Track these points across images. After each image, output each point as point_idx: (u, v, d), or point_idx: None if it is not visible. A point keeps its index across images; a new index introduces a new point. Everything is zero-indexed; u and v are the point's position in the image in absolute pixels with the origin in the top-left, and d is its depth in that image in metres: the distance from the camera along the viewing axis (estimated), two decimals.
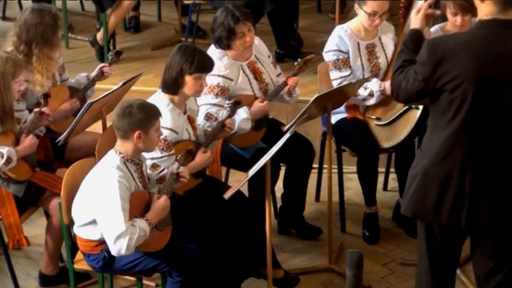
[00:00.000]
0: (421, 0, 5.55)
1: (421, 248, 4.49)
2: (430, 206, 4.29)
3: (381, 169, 6.31)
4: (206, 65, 5.17)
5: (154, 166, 5.08)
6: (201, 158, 5.16)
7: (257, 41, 5.77)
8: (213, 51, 5.62)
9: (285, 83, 5.72)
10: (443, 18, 6.01)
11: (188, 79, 5.12)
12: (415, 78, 4.25)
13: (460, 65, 4.09)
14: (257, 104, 5.59)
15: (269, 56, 5.89)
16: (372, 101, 5.86)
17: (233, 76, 5.57)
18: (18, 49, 5.59)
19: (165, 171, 5.07)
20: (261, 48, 5.82)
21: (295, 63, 5.85)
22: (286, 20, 7.44)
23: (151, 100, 5.09)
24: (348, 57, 5.86)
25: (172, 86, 5.14)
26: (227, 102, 5.46)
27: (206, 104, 5.50)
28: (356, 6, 5.86)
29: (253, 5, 5.98)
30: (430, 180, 4.27)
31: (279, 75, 5.86)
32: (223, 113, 5.45)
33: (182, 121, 5.21)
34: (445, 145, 4.22)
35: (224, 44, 5.55)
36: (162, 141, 5.00)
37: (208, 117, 5.48)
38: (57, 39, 5.66)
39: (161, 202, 4.81)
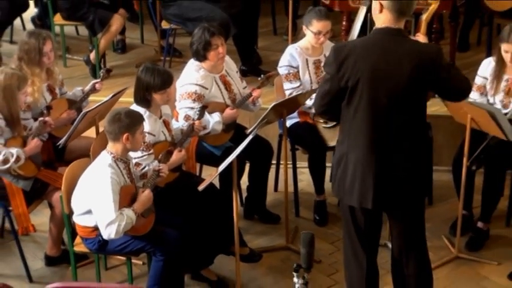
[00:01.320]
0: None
1: (346, 227, 4.53)
2: (347, 189, 4.32)
3: (328, 164, 6.30)
4: (166, 81, 5.16)
5: (137, 164, 5.07)
6: (177, 156, 5.16)
7: (227, 58, 5.77)
8: (191, 64, 5.62)
9: (250, 94, 5.72)
10: None
11: (155, 95, 5.14)
12: (324, 80, 4.32)
13: (358, 63, 4.15)
14: (228, 111, 5.59)
15: (237, 71, 5.89)
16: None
17: (208, 85, 5.56)
18: (17, 66, 5.58)
19: (146, 168, 5.07)
20: (230, 64, 5.82)
21: (259, 78, 5.85)
22: (247, 41, 7.44)
23: (132, 108, 5.09)
24: (298, 72, 5.88)
25: (143, 102, 5.17)
26: (196, 106, 5.46)
27: (185, 108, 5.50)
28: (304, 27, 5.89)
29: (221, 27, 5.96)
30: (346, 166, 4.30)
31: (244, 87, 5.85)
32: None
33: (158, 125, 5.22)
34: (353, 133, 4.26)
35: (201, 55, 5.54)
36: (142, 143, 4.99)
37: (187, 118, 5.47)
38: (41, 59, 5.60)
39: (145, 194, 4.80)
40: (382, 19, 4.21)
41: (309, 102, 5.82)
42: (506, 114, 5.40)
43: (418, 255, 4.52)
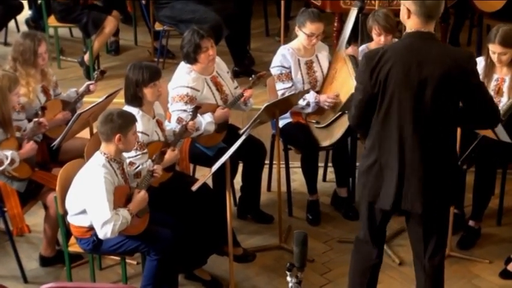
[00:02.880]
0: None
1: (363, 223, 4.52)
2: (383, 194, 4.29)
3: (321, 164, 6.33)
4: (155, 74, 5.16)
5: (130, 163, 5.05)
6: (170, 155, 5.14)
7: (218, 59, 5.75)
8: (182, 67, 5.60)
9: (242, 94, 5.71)
10: (369, 38, 6.05)
11: (146, 90, 5.12)
12: (356, 90, 4.25)
13: (390, 68, 4.11)
14: (220, 111, 5.57)
15: (228, 72, 5.87)
16: (309, 110, 5.88)
17: (199, 87, 5.54)
18: (11, 66, 5.55)
19: (140, 167, 5.05)
20: (221, 65, 5.80)
21: (250, 78, 5.84)
22: (240, 42, 7.43)
23: (125, 109, 5.07)
24: (290, 72, 5.86)
25: (135, 100, 5.14)
26: (189, 108, 5.44)
27: (177, 110, 5.48)
28: (296, 28, 5.87)
29: (213, 31, 5.96)
30: (380, 171, 4.27)
31: (236, 87, 5.84)
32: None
33: (152, 125, 5.20)
34: (384, 139, 4.22)
35: (192, 57, 5.52)
36: (136, 143, 4.97)
37: (180, 120, 5.45)
38: (36, 60, 5.58)
39: (140, 195, 4.78)
40: (411, 24, 4.18)
41: (302, 103, 5.81)
42: None
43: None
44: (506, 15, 6.74)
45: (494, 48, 5.46)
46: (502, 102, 5.56)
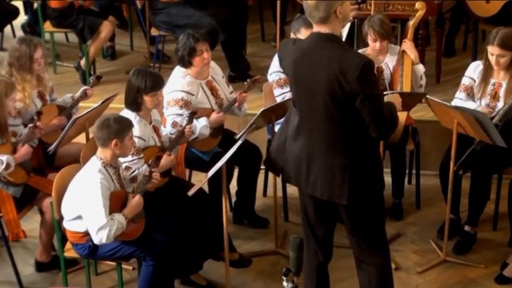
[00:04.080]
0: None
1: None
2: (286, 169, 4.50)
3: None
4: (157, 84, 5.16)
5: (127, 168, 5.04)
6: (166, 160, 5.13)
7: (213, 64, 5.75)
8: (177, 71, 5.60)
9: (236, 99, 5.71)
10: (365, 43, 6.05)
11: (146, 98, 5.12)
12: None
13: (291, 65, 4.28)
14: (215, 115, 5.56)
15: (223, 76, 5.87)
16: None
17: (194, 92, 5.54)
18: (7, 72, 5.55)
19: (136, 172, 5.04)
20: (216, 70, 5.80)
21: (245, 82, 5.84)
22: (236, 47, 7.43)
23: (122, 114, 5.06)
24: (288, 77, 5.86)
25: (133, 105, 5.15)
26: (184, 112, 5.43)
27: (172, 114, 5.48)
28: (292, 34, 5.88)
29: (209, 35, 5.96)
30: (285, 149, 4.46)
31: (231, 92, 5.83)
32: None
33: (148, 130, 5.19)
34: (292, 128, 4.40)
35: (186, 61, 5.53)
36: (132, 148, 4.96)
37: (174, 125, 5.45)
38: (32, 65, 5.58)
39: (136, 200, 4.77)
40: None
41: None
42: (492, 118, 5.39)
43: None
44: (501, 20, 6.75)
45: (492, 50, 5.47)
46: (498, 107, 5.56)
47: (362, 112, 4.07)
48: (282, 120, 5.78)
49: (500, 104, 5.57)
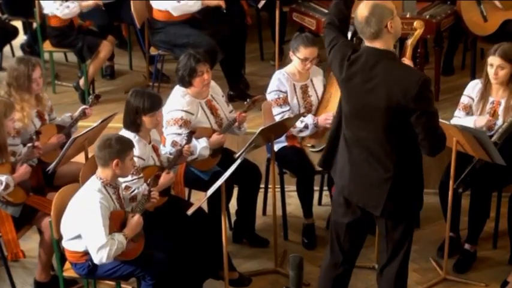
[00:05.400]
0: None
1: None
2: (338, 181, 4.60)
3: (316, 187, 6.32)
4: (156, 104, 5.16)
5: (126, 188, 5.04)
6: (165, 178, 5.13)
7: (213, 83, 5.77)
8: (177, 90, 5.62)
9: (235, 119, 5.72)
10: None
11: (145, 118, 5.13)
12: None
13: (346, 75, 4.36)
14: (215, 136, 5.57)
15: (222, 96, 5.88)
16: (306, 133, 5.87)
17: (194, 111, 5.55)
18: (6, 92, 5.55)
19: (136, 191, 5.04)
20: (216, 89, 5.82)
21: (245, 102, 5.85)
22: (235, 66, 7.45)
23: (121, 134, 5.07)
24: (287, 96, 5.88)
25: (133, 126, 5.15)
26: (183, 131, 5.43)
27: (172, 134, 5.48)
28: (291, 53, 5.89)
29: (208, 55, 5.98)
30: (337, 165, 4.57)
31: (231, 111, 5.84)
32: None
33: (148, 150, 5.20)
34: (343, 139, 4.50)
35: (186, 81, 5.54)
36: (132, 169, 4.96)
37: (174, 144, 5.45)
38: (30, 85, 5.59)
39: (135, 220, 4.77)
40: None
41: (300, 125, 5.82)
42: (491, 136, 5.40)
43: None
44: (499, 38, 6.76)
45: (493, 61, 5.50)
46: (497, 125, 5.57)
47: (417, 128, 4.18)
48: (282, 138, 5.87)
49: (499, 122, 5.58)
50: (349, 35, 6.21)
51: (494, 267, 5.69)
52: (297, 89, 5.92)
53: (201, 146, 5.47)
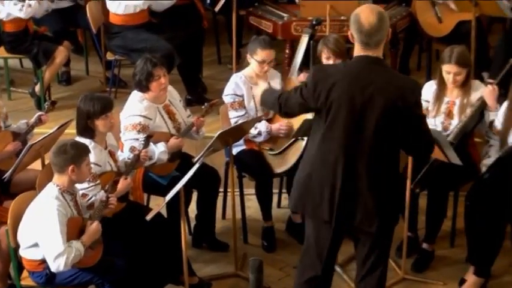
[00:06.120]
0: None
1: (309, 241, 4.50)
2: (314, 204, 4.33)
3: (275, 190, 6.33)
4: (107, 105, 5.13)
5: (83, 195, 5.00)
6: (123, 184, 5.10)
7: (170, 88, 5.76)
8: (134, 95, 5.60)
9: (193, 124, 5.71)
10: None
11: (98, 122, 5.09)
12: (299, 91, 4.32)
13: (334, 89, 4.17)
14: (173, 140, 5.55)
15: (180, 100, 5.87)
16: (260, 139, 5.90)
17: (151, 116, 5.53)
18: None
19: (93, 198, 5.01)
20: (173, 94, 5.80)
21: (203, 106, 5.84)
22: (192, 71, 7.44)
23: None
24: (243, 100, 5.89)
25: (86, 132, 5.12)
26: (141, 136, 5.41)
27: (130, 139, 5.46)
28: (248, 56, 5.90)
29: (165, 59, 5.96)
30: (314, 183, 4.31)
31: (189, 116, 5.83)
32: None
33: (104, 156, 5.17)
34: (321, 154, 4.27)
35: (144, 85, 5.52)
36: (88, 175, 4.92)
37: (132, 149, 5.42)
38: None
39: (94, 227, 4.74)
40: (356, 48, 4.26)
41: (253, 132, 5.84)
42: (447, 136, 5.45)
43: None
44: (454, 39, 6.84)
45: (450, 69, 5.54)
46: (453, 125, 5.63)
47: (412, 133, 4.21)
48: (241, 142, 5.87)
49: (454, 122, 5.64)
50: (306, 39, 6.27)
51: (452, 265, 5.75)
52: (254, 92, 5.92)
53: (159, 150, 5.45)
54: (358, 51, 4.24)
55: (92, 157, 4.95)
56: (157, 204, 5.05)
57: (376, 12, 4.19)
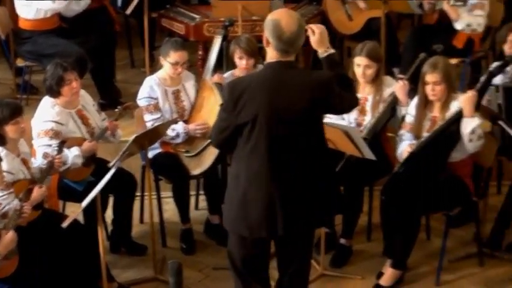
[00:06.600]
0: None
1: (235, 257, 4.46)
2: (254, 223, 4.26)
3: (192, 192, 6.32)
4: (16, 110, 5.05)
5: None
6: (37, 192, 5.02)
7: (83, 92, 5.70)
8: (45, 101, 5.53)
9: (107, 127, 5.66)
10: (234, 65, 6.10)
11: (7, 128, 5.02)
12: (221, 116, 4.24)
13: (254, 99, 4.12)
14: (87, 144, 5.50)
15: (94, 105, 5.82)
16: (178, 140, 5.90)
17: (64, 121, 5.47)
18: None
19: (7, 207, 4.92)
20: (86, 98, 5.75)
21: (116, 109, 5.80)
22: (105, 75, 7.38)
23: None
24: (158, 102, 5.87)
25: None
26: (54, 142, 5.34)
27: (43, 146, 5.39)
28: (161, 58, 5.89)
29: (78, 64, 5.90)
30: (250, 202, 4.23)
31: (103, 120, 5.78)
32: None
33: (17, 163, 5.09)
34: (251, 168, 4.20)
35: (55, 90, 5.45)
36: (2, 183, 4.84)
37: (46, 156, 5.34)
38: None
39: (9, 236, 4.66)
40: (270, 54, 4.20)
41: (171, 133, 5.82)
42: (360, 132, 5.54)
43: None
44: (365, 36, 6.95)
45: (360, 61, 5.64)
46: (366, 121, 5.72)
47: (336, 101, 4.21)
48: (156, 145, 5.84)
49: (367, 118, 5.73)
50: (219, 40, 6.28)
51: (369, 259, 5.84)
52: (169, 94, 5.92)
53: (72, 154, 5.39)
54: (273, 56, 4.19)
55: (4, 165, 4.86)
56: (73, 211, 5.00)
57: (296, 18, 4.15)
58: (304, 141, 4.22)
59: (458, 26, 7.05)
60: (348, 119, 5.78)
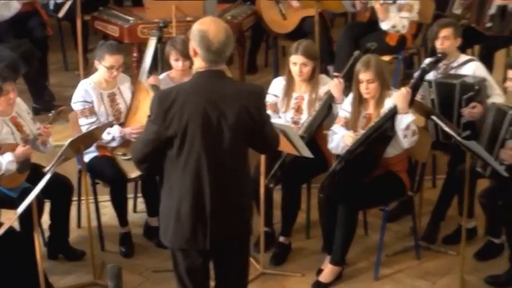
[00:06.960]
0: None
1: (181, 272, 4.33)
2: (190, 236, 4.16)
3: (130, 195, 6.29)
4: None
5: None
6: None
7: (18, 99, 5.62)
8: None
9: (40, 134, 5.60)
10: (169, 66, 6.09)
11: None
12: (148, 129, 4.10)
13: (185, 110, 4.01)
14: (20, 148, 5.42)
15: (28, 112, 5.74)
16: (114, 144, 5.86)
17: None
18: None
19: None
20: (21, 105, 5.67)
21: (50, 113, 5.73)
22: (38, 79, 7.29)
23: None
24: (93, 106, 5.82)
25: None
26: None
27: None
28: (96, 62, 5.84)
29: (10, 69, 5.82)
30: (185, 217, 4.13)
31: (38, 128, 5.69)
32: None
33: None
34: (185, 181, 4.10)
35: None
36: None
37: None
38: None
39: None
40: (198, 64, 4.09)
41: (107, 137, 5.79)
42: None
43: None
44: (298, 35, 7.01)
45: (296, 59, 5.68)
46: (302, 120, 5.76)
47: (263, 135, 4.17)
48: (93, 148, 5.79)
49: (304, 117, 5.77)
50: (154, 41, 6.25)
51: (309, 256, 5.88)
52: (104, 97, 5.88)
53: (6, 160, 5.31)
54: (201, 66, 4.09)
55: None
56: (9, 218, 4.92)
57: (223, 27, 4.06)
58: (234, 153, 4.12)
59: (384, 26, 7.16)
60: (285, 118, 5.81)
